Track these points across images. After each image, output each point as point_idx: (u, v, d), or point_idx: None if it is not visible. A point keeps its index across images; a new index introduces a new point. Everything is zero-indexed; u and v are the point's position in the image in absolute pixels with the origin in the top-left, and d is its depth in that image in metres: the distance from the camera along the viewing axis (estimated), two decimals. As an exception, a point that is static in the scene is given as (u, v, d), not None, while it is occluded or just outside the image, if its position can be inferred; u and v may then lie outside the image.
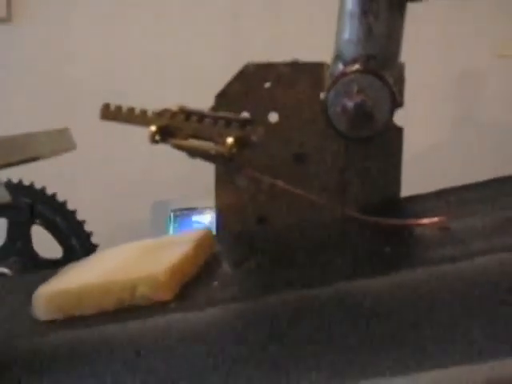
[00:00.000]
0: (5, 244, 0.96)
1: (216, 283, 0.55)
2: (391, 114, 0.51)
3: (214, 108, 0.67)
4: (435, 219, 0.55)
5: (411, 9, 1.90)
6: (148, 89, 2.14)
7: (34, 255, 0.99)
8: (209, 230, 0.63)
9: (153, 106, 0.63)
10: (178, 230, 2.05)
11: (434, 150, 2.41)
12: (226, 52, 2.15)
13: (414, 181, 0.82)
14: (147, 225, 2.22)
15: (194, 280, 0.56)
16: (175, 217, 2.12)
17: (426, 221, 0.56)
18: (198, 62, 2.17)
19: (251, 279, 0.57)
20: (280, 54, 0.71)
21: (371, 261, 0.54)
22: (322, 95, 0.54)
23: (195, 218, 2.00)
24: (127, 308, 0.53)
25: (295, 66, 0.66)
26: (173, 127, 0.55)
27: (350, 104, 0.51)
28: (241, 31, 2.22)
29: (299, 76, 0.66)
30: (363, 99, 0.51)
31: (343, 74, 0.52)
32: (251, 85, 0.67)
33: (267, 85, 0.67)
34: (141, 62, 2.19)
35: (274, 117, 0.67)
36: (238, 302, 0.55)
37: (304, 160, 0.67)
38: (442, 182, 0.71)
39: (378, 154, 0.66)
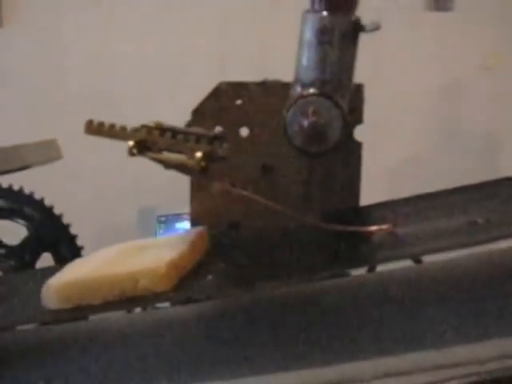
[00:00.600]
0: (15, 248, 0.97)
1: (210, 277, 0.62)
2: (342, 132, 0.57)
3: (190, 123, 0.73)
4: (384, 226, 0.62)
5: (399, 21, 1.95)
6: (137, 95, 2.19)
7: None
8: (203, 229, 0.70)
9: (140, 112, 0.69)
10: (164, 235, 2.10)
11: (420, 158, 2.48)
12: (213, 57, 2.20)
13: (400, 187, 0.88)
14: (133, 231, 2.26)
15: (191, 274, 0.62)
16: (161, 223, 2.17)
17: (375, 228, 0.62)
18: (186, 69, 2.22)
19: (241, 274, 0.63)
20: (267, 60, 0.77)
21: (325, 261, 0.60)
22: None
23: (179, 224, 2.04)
24: (129, 298, 0.58)
25: (265, 85, 0.73)
26: (149, 142, 0.61)
27: (305, 123, 0.58)
28: (228, 35, 2.27)
29: (268, 94, 0.72)
30: (317, 119, 0.57)
31: (301, 96, 0.58)
32: (224, 102, 0.73)
33: (239, 102, 0.73)
34: (130, 69, 2.24)
35: (244, 131, 0.74)
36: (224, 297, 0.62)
37: (272, 172, 0.73)
38: (428, 189, 0.75)
39: (339, 167, 0.73)
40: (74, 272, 0.64)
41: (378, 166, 2.31)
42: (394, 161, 2.42)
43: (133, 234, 2.22)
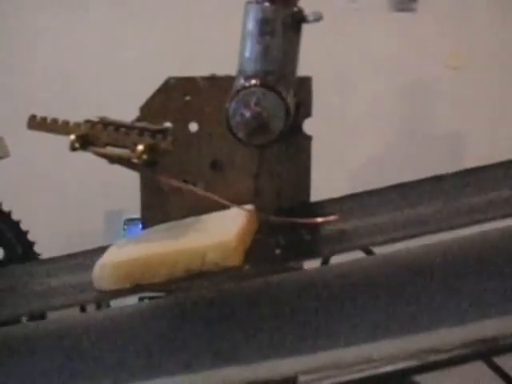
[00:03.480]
0: None
1: (278, 251, 0.61)
2: (285, 124, 0.57)
3: (139, 119, 0.72)
4: (330, 217, 0.61)
5: (363, 21, 1.96)
6: (106, 102, 2.17)
7: None
8: (253, 208, 0.67)
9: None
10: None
11: (383, 156, 2.49)
12: (176, 62, 2.19)
13: (364, 186, 0.87)
14: (101, 234, 2.24)
15: (253, 250, 0.60)
16: (129, 226, 2.15)
17: (321, 219, 0.62)
18: (149, 72, 2.20)
19: (310, 249, 0.62)
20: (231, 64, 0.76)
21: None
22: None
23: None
24: (196, 274, 0.56)
25: (212, 80, 0.72)
26: (92, 136, 0.60)
27: (247, 114, 0.57)
28: (192, 39, 2.26)
29: (216, 89, 0.71)
30: (259, 110, 0.57)
31: (243, 88, 0.58)
32: (173, 97, 0.72)
33: (187, 97, 0.72)
34: (92, 73, 2.22)
35: (193, 126, 0.73)
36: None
37: (221, 167, 0.72)
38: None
39: (288, 161, 0.72)
40: (127, 251, 0.61)
41: (342, 164, 2.32)
42: (357, 160, 2.42)
43: (100, 237, 2.20)
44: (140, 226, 2.09)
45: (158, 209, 0.74)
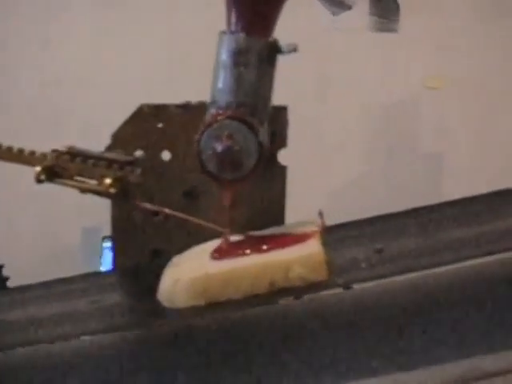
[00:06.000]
0: None
1: (363, 265, 0.59)
2: (258, 158, 0.55)
3: (110, 147, 0.70)
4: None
5: (344, 41, 1.94)
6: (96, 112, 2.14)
7: None
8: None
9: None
10: (110, 257, 2.05)
11: (365, 178, 2.49)
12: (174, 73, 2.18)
13: (346, 208, 0.86)
14: (77, 252, 2.21)
15: (330, 264, 0.57)
16: (107, 243, 2.13)
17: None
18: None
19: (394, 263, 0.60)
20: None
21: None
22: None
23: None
24: (278, 290, 0.54)
25: (186, 108, 0.71)
26: (59, 167, 0.58)
27: (219, 148, 0.56)
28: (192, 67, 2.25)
29: (190, 117, 0.70)
30: (231, 144, 0.55)
31: (215, 120, 0.56)
32: (145, 125, 0.71)
33: (160, 125, 0.71)
34: (91, 86, 2.20)
35: (166, 155, 0.71)
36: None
37: (194, 196, 0.71)
38: (374, 210, 0.73)
39: (263, 191, 0.71)
40: (200, 266, 0.57)
41: (322, 186, 2.31)
42: (338, 181, 2.42)
43: (77, 255, 2.17)
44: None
45: (130, 240, 0.72)
